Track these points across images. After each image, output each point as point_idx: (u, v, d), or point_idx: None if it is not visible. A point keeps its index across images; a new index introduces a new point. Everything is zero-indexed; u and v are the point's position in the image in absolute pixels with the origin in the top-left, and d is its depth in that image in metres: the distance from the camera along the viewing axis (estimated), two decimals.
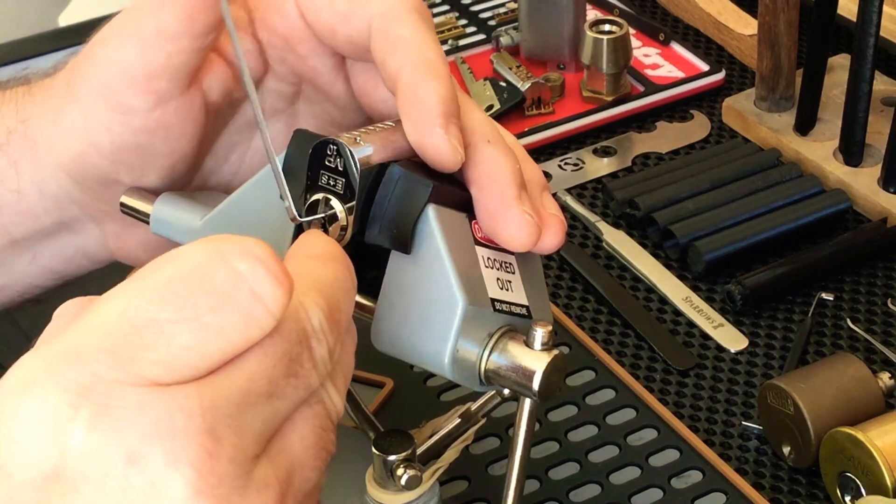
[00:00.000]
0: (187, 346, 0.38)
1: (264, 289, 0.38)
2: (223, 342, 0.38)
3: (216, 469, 0.37)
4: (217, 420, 0.37)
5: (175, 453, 0.37)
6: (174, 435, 0.37)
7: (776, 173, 0.88)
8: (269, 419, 0.40)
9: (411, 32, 0.52)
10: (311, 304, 0.41)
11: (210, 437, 0.37)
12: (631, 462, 0.71)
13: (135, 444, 0.36)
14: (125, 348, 0.37)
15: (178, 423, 0.37)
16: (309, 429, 0.41)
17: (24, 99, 0.59)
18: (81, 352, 0.37)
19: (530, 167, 0.54)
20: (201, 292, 0.38)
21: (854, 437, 0.65)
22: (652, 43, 1.04)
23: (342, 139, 0.49)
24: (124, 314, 0.38)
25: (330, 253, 0.45)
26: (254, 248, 0.39)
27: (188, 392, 0.37)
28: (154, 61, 0.53)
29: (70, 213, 0.59)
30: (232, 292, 0.38)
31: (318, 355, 0.41)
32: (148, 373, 0.37)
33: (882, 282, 0.83)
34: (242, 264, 0.38)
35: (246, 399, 0.39)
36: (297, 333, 0.40)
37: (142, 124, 0.55)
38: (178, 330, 0.38)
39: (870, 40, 0.84)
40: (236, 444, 0.38)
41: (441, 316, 0.49)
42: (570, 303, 0.82)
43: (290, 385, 0.40)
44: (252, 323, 0.38)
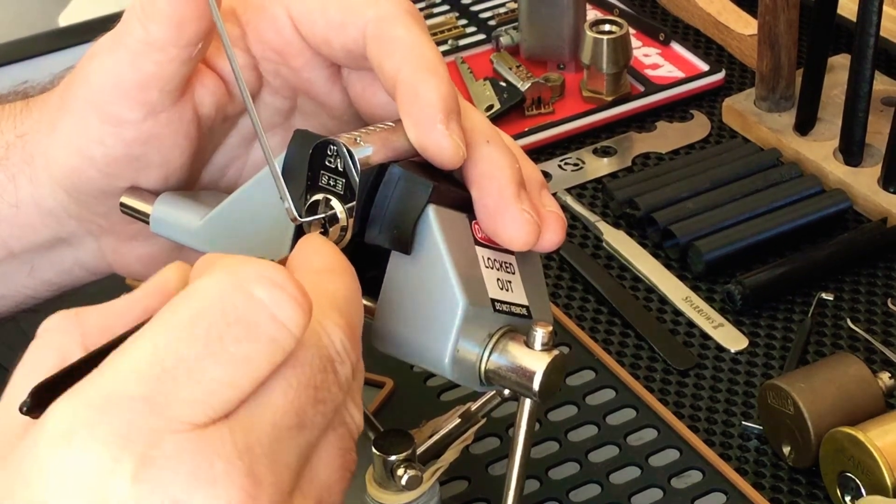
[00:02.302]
0: (218, 380, 0.38)
1: (284, 313, 0.39)
2: (252, 371, 0.39)
3: None
4: (254, 461, 0.38)
5: (217, 499, 0.37)
6: (215, 481, 0.37)
7: (776, 173, 0.88)
8: (300, 451, 0.40)
9: (407, 33, 0.52)
10: (331, 325, 0.41)
11: (250, 479, 0.38)
12: (631, 462, 0.71)
13: (177, 493, 0.37)
14: (159, 392, 0.37)
15: (218, 468, 0.37)
16: (335, 453, 0.42)
17: (22, 114, 0.59)
18: (117, 400, 0.37)
19: (528, 166, 0.54)
20: (225, 325, 0.38)
21: (854, 437, 0.65)
22: (652, 43, 1.04)
23: (342, 139, 0.49)
24: (154, 356, 0.38)
25: (334, 264, 0.45)
26: (269, 272, 0.39)
27: (223, 434, 0.38)
28: (143, 71, 0.53)
29: (67, 227, 0.59)
30: (254, 322, 0.39)
31: (342, 377, 0.41)
32: (183, 416, 0.37)
33: (882, 282, 0.83)
34: (261, 291, 0.39)
35: (278, 434, 0.39)
36: (320, 359, 0.41)
37: (134, 136, 0.55)
38: (207, 366, 0.38)
39: (870, 40, 0.84)
40: (274, 484, 0.38)
41: (441, 316, 0.49)
42: (570, 303, 0.82)
43: (318, 413, 0.41)
44: (276, 347, 0.39)
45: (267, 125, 0.58)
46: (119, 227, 0.59)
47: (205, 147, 0.58)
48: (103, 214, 0.58)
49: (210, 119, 0.57)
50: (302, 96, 0.58)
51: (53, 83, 0.63)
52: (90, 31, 0.56)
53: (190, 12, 0.52)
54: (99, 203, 0.58)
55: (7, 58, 1.01)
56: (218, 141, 0.59)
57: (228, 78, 0.57)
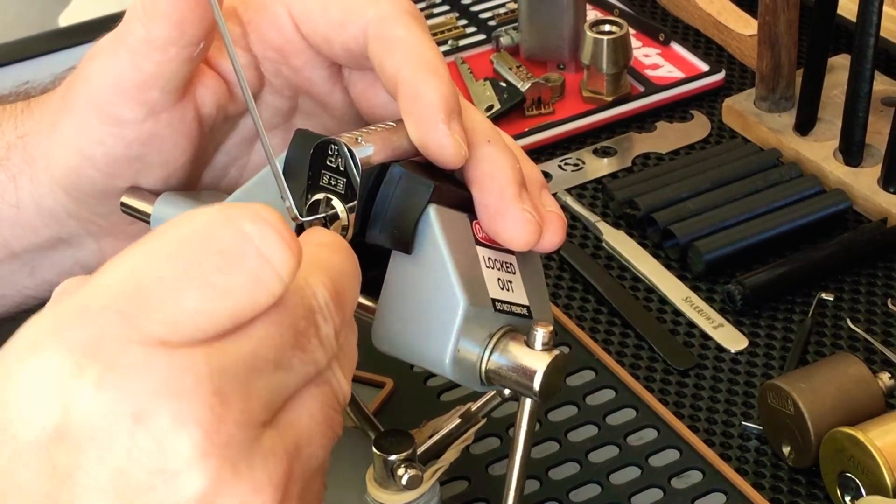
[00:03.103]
0: (194, 307, 0.37)
1: (272, 251, 0.38)
2: (230, 303, 0.38)
3: (224, 430, 0.37)
4: (224, 383, 0.37)
5: (182, 413, 0.36)
6: (182, 395, 0.36)
7: (776, 173, 0.88)
8: (276, 389, 0.39)
9: (407, 33, 0.52)
10: (317, 282, 0.41)
11: (218, 398, 0.37)
12: (631, 462, 0.71)
13: (141, 403, 0.36)
14: (132, 307, 0.37)
15: (186, 383, 0.36)
16: (317, 406, 0.41)
17: (23, 115, 0.59)
18: (88, 310, 0.37)
19: (529, 166, 0.54)
20: (208, 253, 0.38)
21: (854, 437, 0.66)
22: (652, 43, 1.04)
23: (343, 139, 0.49)
24: (131, 274, 0.38)
25: (337, 243, 0.45)
26: (262, 211, 0.39)
27: (196, 354, 0.37)
28: (144, 71, 0.53)
29: (68, 227, 0.59)
30: (239, 253, 0.38)
31: (324, 333, 0.41)
32: (155, 332, 0.37)
33: (882, 282, 0.83)
34: (250, 226, 0.38)
35: (253, 365, 0.38)
36: (304, 308, 0.40)
37: (134, 136, 0.55)
38: (184, 290, 0.37)
39: (870, 40, 0.84)
40: (244, 409, 0.38)
41: (442, 316, 0.49)
42: (570, 303, 0.82)
43: (296, 357, 0.40)
44: (260, 285, 0.38)
45: (268, 125, 0.58)
46: (119, 227, 0.59)
47: (206, 147, 0.58)
48: (104, 215, 0.59)
49: (211, 119, 0.57)
50: (303, 96, 0.58)
51: (54, 83, 0.63)
52: (90, 31, 0.57)
53: (191, 12, 0.52)
54: (99, 203, 0.58)
55: (7, 58, 1.01)
56: (219, 141, 0.59)
57: (229, 78, 0.57)
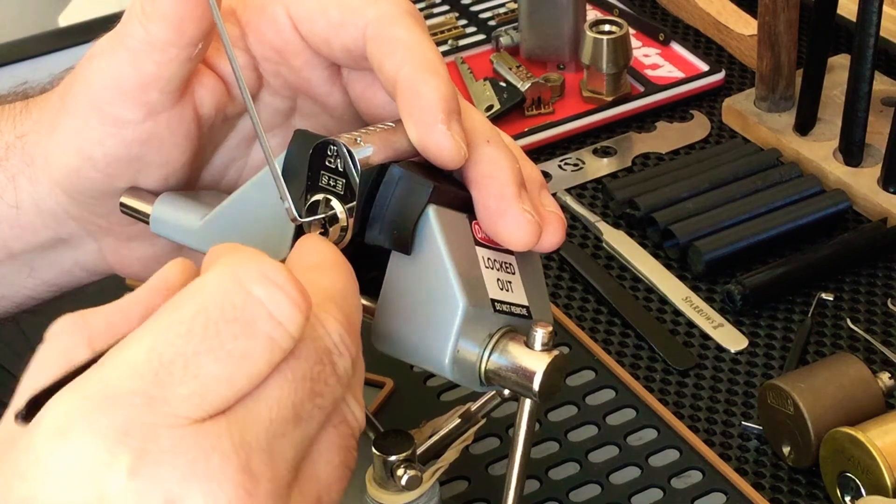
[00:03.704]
0: (215, 376, 0.38)
1: (282, 312, 0.39)
2: (249, 368, 0.39)
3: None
4: (251, 455, 0.38)
5: (213, 494, 0.37)
6: (211, 476, 0.37)
7: (776, 173, 0.88)
8: (298, 445, 0.40)
9: (407, 34, 0.52)
10: (328, 319, 0.41)
11: (246, 474, 0.38)
12: (631, 462, 0.71)
13: (173, 488, 0.37)
14: (156, 388, 0.38)
15: (214, 463, 0.37)
16: (335, 451, 0.42)
17: (21, 115, 0.59)
18: (114, 395, 0.38)
19: (528, 166, 0.54)
20: (223, 322, 0.38)
21: (854, 437, 0.65)
22: (652, 43, 1.04)
23: (342, 140, 0.49)
24: (152, 352, 0.38)
25: (331, 260, 0.45)
26: (269, 271, 0.39)
27: (219, 429, 0.38)
28: (143, 72, 0.53)
29: (67, 228, 0.59)
30: (251, 319, 0.39)
31: (341, 370, 0.41)
32: (180, 410, 0.37)
33: (882, 282, 0.83)
34: (259, 290, 0.39)
35: (275, 428, 0.39)
36: (316, 352, 0.41)
37: (134, 136, 0.55)
38: (204, 361, 0.38)
39: (870, 40, 0.84)
40: (272, 479, 0.38)
41: (441, 316, 0.49)
42: (570, 303, 0.82)
43: (315, 406, 0.41)
44: (274, 346, 0.39)
45: (267, 125, 0.58)
46: (119, 227, 0.59)
47: (205, 147, 0.58)
48: (103, 215, 0.58)
49: (210, 119, 0.57)
50: (302, 97, 0.58)
51: (53, 83, 0.63)
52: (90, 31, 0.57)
53: (190, 12, 0.52)
54: (99, 204, 0.58)
55: (7, 58, 1.01)
56: (218, 141, 0.59)
57: (228, 78, 0.57)
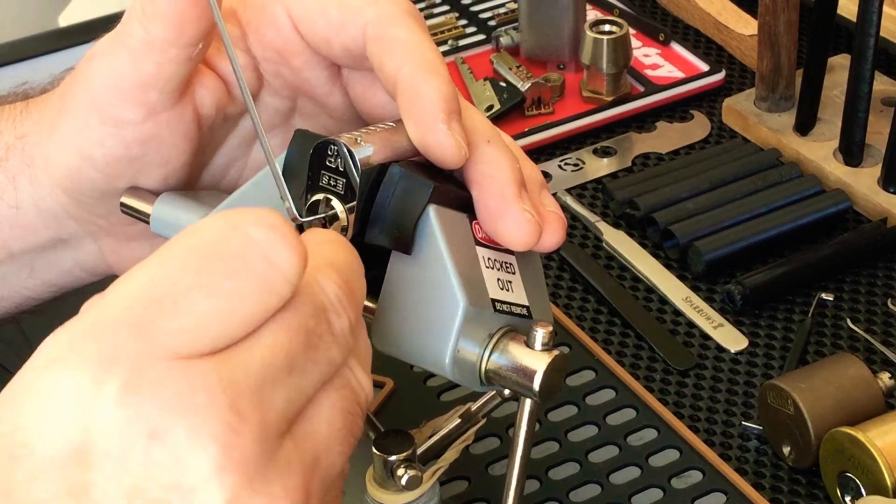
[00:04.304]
0: (206, 313, 0.38)
1: (279, 254, 0.39)
2: (241, 308, 0.38)
3: (240, 444, 0.37)
4: (239, 395, 0.38)
5: (198, 429, 0.37)
6: (197, 410, 0.37)
7: (776, 173, 0.88)
8: (291, 396, 0.39)
9: (407, 34, 0.52)
10: (325, 279, 0.41)
11: (233, 412, 0.37)
12: (631, 462, 0.71)
13: (157, 420, 0.36)
14: (146, 319, 0.37)
15: (201, 398, 0.37)
16: (336, 412, 0.41)
17: (21, 115, 0.59)
18: (103, 325, 0.37)
19: (528, 166, 0.54)
20: (217, 260, 0.38)
21: (854, 437, 0.65)
22: (652, 43, 1.04)
23: (343, 139, 0.49)
24: (143, 286, 0.38)
25: (338, 240, 0.45)
26: (267, 216, 0.39)
27: (208, 367, 0.37)
28: (144, 72, 0.53)
29: (67, 228, 0.59)
30: (247, 259, 0.38)
31: (337, 328, 0.41)
32: (169, 343, 0.37)
33: (882, 282, 0.83)
34: (256, 232, 0.39)
35: (267, 373, 0.39)
36: (313, 306, 0.40)
37: (134, 137, 0.55)
38: (196, 297, 0.38)
39: (870, 40, 0.84)
40: (260, 422, 0.38)
41: (442, 316, 0.49)
42: (570, 303, 0.82)
43: (309, 359, 0.40)
44: (269, 288, 0.39)
45: (267, 125, 0.58)
46: (119, 227, 0.59)
47: (205, 147, 0.58)
48: (103, 215, 0.58)
49: (210, 119, 0.57)
50: (302, 97, 0.58)
51: (53, 84, 0.63)
52: (90, 31, 0.57)
53: (190, 12, 0.52)
54: (99, 204, 0.58)
55: (7, 58, 1.01)
56: (218, 141, 0.59)
57: (229, 78, 0.57)
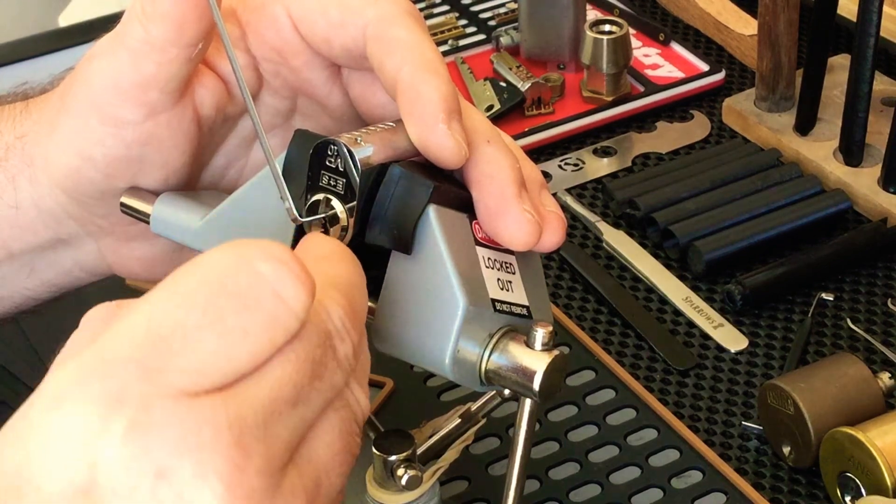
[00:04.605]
0: (214, 351, 0.37)
1: (287, 290, 0.38)
2: (249, 345, 0.38)
3: (245, 482, 0.37)
4: (244, 432, 0.37)
5: (203, 467, 0.36)
6: (202, 448, 0.36)
7: (776, 173, 0.88)
8: (295, 427, 0.40)
9: (407, 34, 0.52)
10: (331, 303, 0.41)
11: (238, 449, 0.37)
12: (631, 462, 0.71)
13: (163, 459, 0.36)
14: (153, 357, 0.37)
15: (206, 436, 0.37)
16: (336, 434, 0.41)
17: (21, 115, 0.59)
18: (110, 363, 0.37)
19: (528, 166, 0.54)
20: (225, 296, 0.38)
21: (854, 437, 0.65)
22: (652, 43, 1.04)
23: (343, 139, 0.49)
24: (151, 322, 0.38)
25: (339, 252, 0.44)
26: (275, 250, 0.39)
27: (214, 404, 0.37)
28: (144, 72, 0.53)
29: (67, 228, 0.59)
30: (255, 295, 0.38)
31: (341, 354, 0.41)
32: (176, 382, 0.37)
33: (882, 282, 0.83)
34: (264, 266, 0.38)
35: (272, 408, 0.39)
36: (319, 335, 0.40)
37: (134, 137, 0.55)
38: (203, 335, 0.38)
39: (870, 40, 0.84)
40: (264, 456, 0.38)
41: (442, 316, 0.49)
42: (570, 303, 0.82)
43: (314, 389, 0.40)
44: (277, 324, 0.38)
45: (267, 125, 0.58)
46: (119, 227, 0.59)
47: (205, 147, 0.58)
48: (103, 215, 0.58)
49: (210, 119, 0.57)
50: (302, 97, 0.58)
51: (53, 84, 0.63)
52: (90, 31, 0.57)
53: (190, 12, 0.52)
54: (99, 204, 0.58)
55: (7, 58, 1.01)
56: (218, 141, 0.59)
57: (228, 78, 0.57)
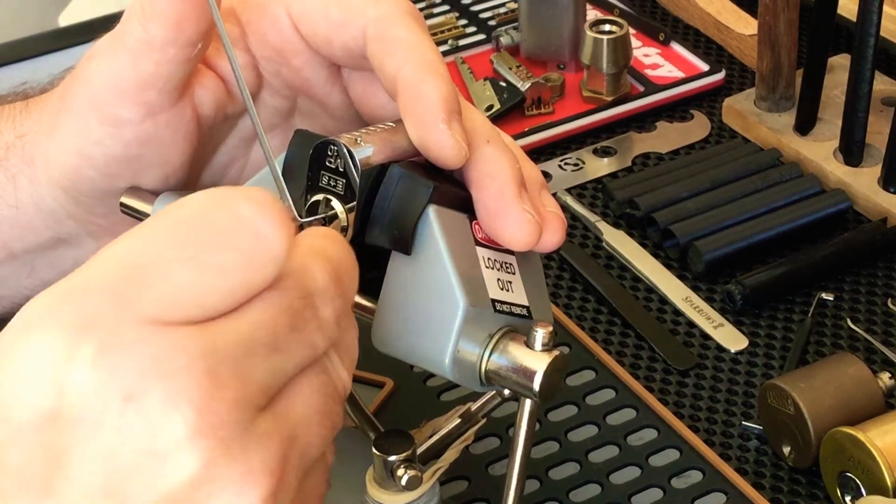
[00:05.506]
0: (188, 285, 0.37)
1: (266, 231, 0.38)
2: (225, 282, 0.38)
3: (217, 410, 0.36)
4: (218, 363, 0.37)
5: (175, 392, 0.36)
6: (174, 374, 0.36)
7: (776, 173, 0.88)
8: (272, 372, 0.39)
9: (408, 34, 0.52)
10: (316, 266, 0.41)
11: (211, 378, 0.36)
12: (631, 462, 0.71)
13: (133, 383, 0.36)
14: (126, 286, 0.37)
15: (179, 362, 0.36)
16: (315, 395, 0.41)
17: (21, 115, 0.59)
18: (81, 290, 0.37)
19: (529, 166, 0.54)
20: (204, 233, 0.38)
21: (854, 437, 0.65)
22: (652, 43, 1.04)
23: (342, 139, 0.49)
24: (126, 255, 0.38)
25: (335, 235, 0.44)
26: (256, 194, 0.39)
27: (189, 332, 0.37)
28: (143, 71, 0.53)
29: (67, 227, 0.59)
30: (234, 233, 0.38)
31: (323, 316, 0.41)
32: (149, 310, 0.37)
33: (882, 282, 0.83)
34: (245, 207, 0.38)
35: (248, 346, 0.38)
36: (301, 289, 0.40)
37: (133, 136, 0.55)
38: (179, 268, 0.37)
39: (870, 40, 0.84)
40: (238, 390, 0.37)
41: (442, 317, 0.49)
42: (570, 303, 0.82)
43: (293, 340, 0.40)
44: (254, 264, 0.38)
45: (267, 125, 0.58)
46: (119, 227, 0.59)
47: (205, 147, 0.58)
48: (103, 215, 0.59)
49: (210, 119, 0.57)
50: (302, 96, 0.58)
51: (52, 84, 0.63)
52: (90, 31, 0.57)
53: (190, 12, 0.52)
54: (99, 203, 0.58)
55: (7, 58, 1.01)
56: (218, 141, 0.59)
57: (228, 78, 0.57)
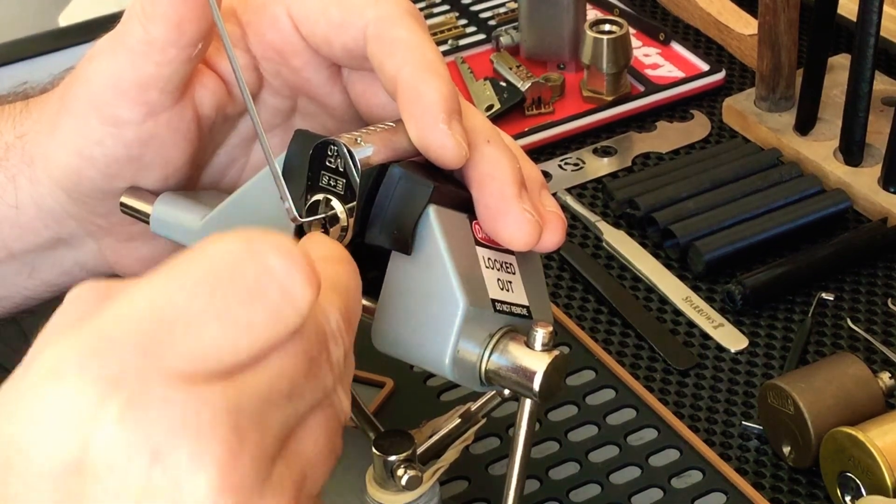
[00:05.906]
0: (216, 340, 0.37)
1: (295, 287, 0.38)
2: (252, 337, 0.38)
3: (239, 468, 0.37)
4: (242, 418, 0.37)
5: (200, 451, 0.36)
6: (200, 432, 0.36)
7: (776, 173, 0.88)
8: (287, 420, 0.39)
9: (408, 34, 0.52)
10: (330, 305, 0.41)
11: (235, 434, 0.37)
12: (631, 462, 0.71)
13: (160, 441, 0.36)
14: (154, 341, 0.37)
15: (204, 419, 0.36)
16: (322, 432, 0.41)
17: (21, 115, 0.59)
18: (110, 342, 0.37)
19: (529, 166, 0.54)
20: (232, 286, 0.38)
21: (854, 437, 0.65)
22: (652, 43, 1.04)
23: (343, 139, 0.49)
24: (154, 306, 0.37)
25: (338, 255, 0.44)
26: (285, 245, 0.39)
27: (214, 389, 0.37)
28: (143, 72, 0.53)
29: (67, 227, 0.59)
30: (262, 288, 0.38)
31: (334, 357, 0.41)
32: (176, 365, 0.37)
33: (882, 282, 0.83)
34: (274, 261, 0.38)
35: (268, 397, 0.38)
36: (318, 335, 0.40)
37: (134, 137, 0.55)
38: (207, 323, 0.37)
39: (870, 40, 0.84)
40: (258, 444, 0.37)
41: (442, 317, 0.49)
42: (570, 303, 0.82)
43: (308, 386, 0.40)
44: (280, 320, 0.38)
45: (267, 125, 0.58)
46: (119, 227, 0.59)
47: (205, 147, 0.58)
48: (103, 215, 0.59)
49: (210, 119, 0.57)
50: (302, 97, 0.58)
51: (53, 84, 0.63)
52: (90, 31, 0.57)
53: (190, 12, 0.52)
54: (99, 203, 0.58)
55: (7, 58, 1.01)
56: (218, 141, 0.59)
57: (228, 78, 0.57)
